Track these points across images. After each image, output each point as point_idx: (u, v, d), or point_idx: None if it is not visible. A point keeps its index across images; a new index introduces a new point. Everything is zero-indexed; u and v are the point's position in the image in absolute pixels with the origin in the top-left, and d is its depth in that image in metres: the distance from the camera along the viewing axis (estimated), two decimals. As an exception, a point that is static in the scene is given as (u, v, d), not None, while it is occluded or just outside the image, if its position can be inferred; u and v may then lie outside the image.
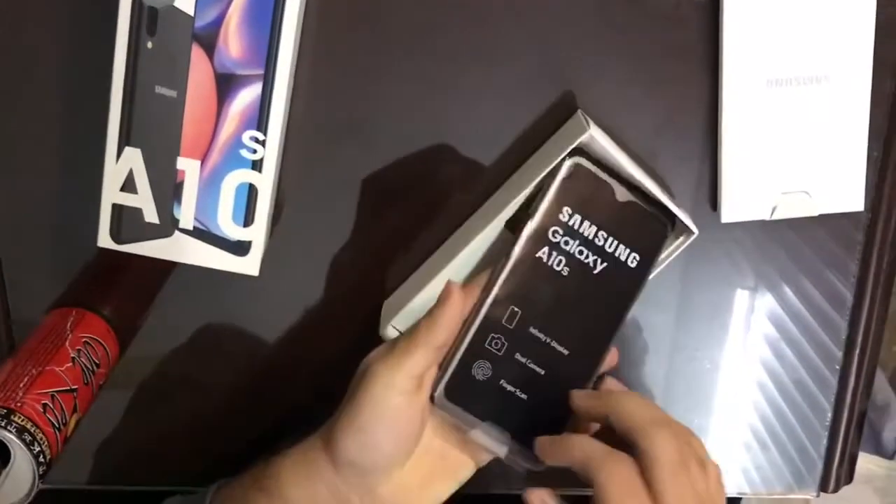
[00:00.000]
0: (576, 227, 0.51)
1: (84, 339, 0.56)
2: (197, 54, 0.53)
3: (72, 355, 0.54)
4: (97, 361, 0.56)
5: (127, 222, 0.55)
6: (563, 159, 0.50)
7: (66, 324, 0.56)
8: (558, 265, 0.51)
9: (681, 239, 0.55)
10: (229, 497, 0.55)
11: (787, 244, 0.61)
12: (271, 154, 0.55)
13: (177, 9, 0.52)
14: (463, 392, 0.51)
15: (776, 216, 0.58)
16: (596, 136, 0.51)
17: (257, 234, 0.56)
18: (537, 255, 0.51)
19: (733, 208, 0.58)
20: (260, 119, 0.54)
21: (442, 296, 0.49)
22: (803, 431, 0.66)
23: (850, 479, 0.67)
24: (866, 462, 1.12)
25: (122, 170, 0.54)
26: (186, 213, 0.55)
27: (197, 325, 0.62)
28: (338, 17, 0.56)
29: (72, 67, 0.56)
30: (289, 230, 0.59)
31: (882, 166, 0.59)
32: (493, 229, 0.55)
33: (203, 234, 0.56)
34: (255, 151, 0.55)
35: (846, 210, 0.58)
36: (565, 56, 0.57)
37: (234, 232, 0.56)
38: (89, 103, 0.55)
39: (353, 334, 0.61)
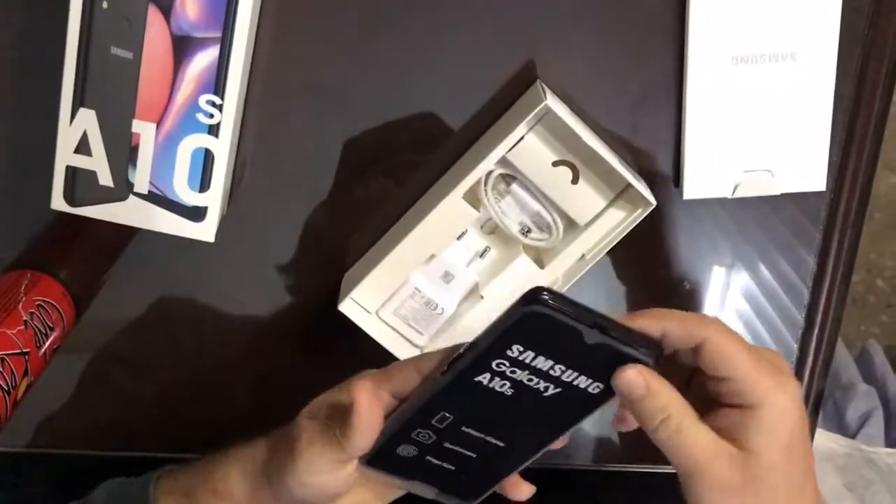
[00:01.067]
0: (527, 361, 0.41)
1: (38, 303, 0.56)
2: (153, 16, 0.52)
3: (24, 318, 0.54)
4: (51, 325, 0.56)
5: (81, 185, 0.54)
6: (515, 305, 0.39)
7: (20, 286, 0.56)
8: (500, 387, 0.42)
9: (639, 211, 0.55)
10: (175, 489, 0.52)
11: (759, 218, 0.61)
12: (228, 119, 0.54)
13: (133, -31, 0.51)
14: (388, 463, 0.46)
15: (738, 194, 0.58)
16: (552, 106, 0.51)
17: (213, 200, 0.55)
18: (476, 379, 0.42)
19: (695, 185, 0.58)
20: (217, 83, 0.54)
21: (354, 408, 0.44)
22: None
23: None
24: (828, 440, 1.12)
25: (76, 131, 0.54)
26: (141, 177, 0.55)
27: (155, 290, 0.62)
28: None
29: (26, 27, 0.55)
30: (249, 196, 0.59)
31: (846, 146, 0.59)
32: (450, 203, 0.54)
33: (158, 198, 0.55)
34: (211, 116, 0.54)
35: (808, 190, 0.58)
36: (530, 27, 0.56)
37: (190, 197, 0.55)
38: (44, 64, 0.54)
39: (312, 305, 0.61)
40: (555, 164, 0.55)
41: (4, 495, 0.67)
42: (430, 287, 0.58)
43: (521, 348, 0.40)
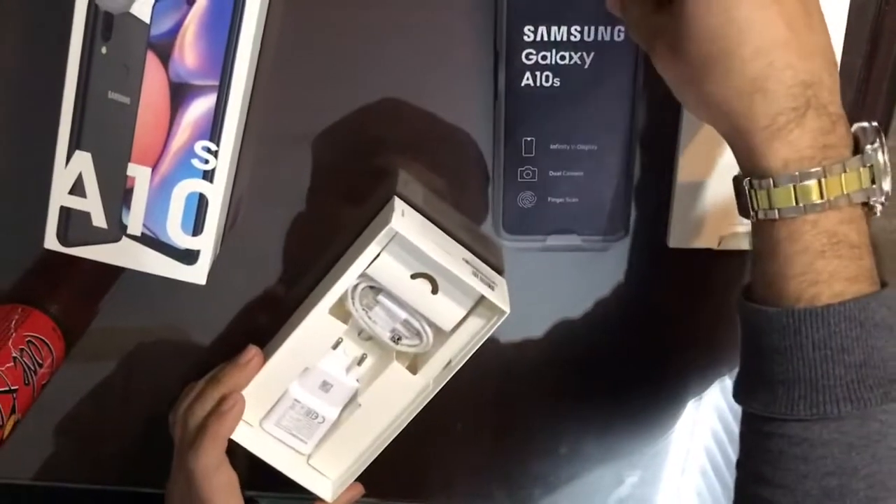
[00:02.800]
0: (545, 39, 0.52)
1: (28, 339, 0.56)
2: (152, 62, 0.53)
3: (14, 355, 0.54)
4: (40, 361, 0.56)
5: (74, 225, 0.55)
6: None
7: (10, 322, 0.56)
8: (547, 82, 0.53)
9: (496, 317, 0.56)
10: None
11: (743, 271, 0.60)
12: (223, 165, 0.55)
13: (133, 15, 0.52)
14: (520, 223, 0.56)
15: (723, 247, 0.58)
16: (398, 229, 0.52)
17: (206, 244, 0.56)
18: (522, 85, 0.52)
19: (681, 235, 0.58)
20: (213, 130, 0.54)
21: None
22: None
23: None
24: None
25: (72, 173, 0.54)
26: (135, 220, 0.55)
27: (144, 326, 0.62)
28: (297, 30, 0.56)
29: (26, 69, 0.56)
30: (241, 239, 0.59)
31: None
32: (316, 317, 0.56)
33: (151, 241, 0.56)
34: (206, 161, 0.55)
35: None
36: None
37: (183, 241, 0.56)
38: (42, 105, 0.55)
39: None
40: (413, 276, 0.56)
41: None
42: (309, 397, 0.59)
43: (532, 27, 0.50)
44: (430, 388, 0.58)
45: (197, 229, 0.56)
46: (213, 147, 0.54)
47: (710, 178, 0.57)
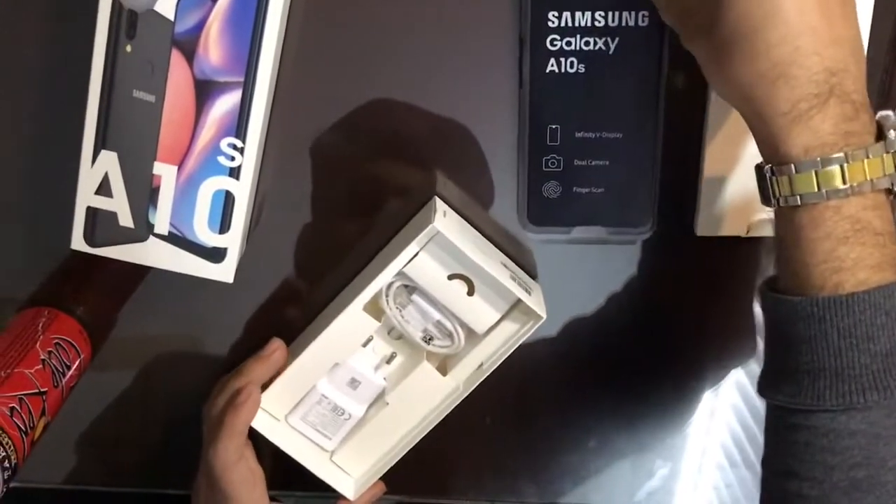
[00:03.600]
0: (569, 24, 0.52)
1: (55, 341, 0.56)
2: (176, 60, 0.53)
3: (42, 357, 0.54)
4: (68, 363, 0.56)
5: (101, 225, 0.55)
6: None
7: (38, 324, 0.56)
8: (572, 68, 0.53)
9: (531, 323, 0.56)
10: None
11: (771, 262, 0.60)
12: (249, 162, 0.54)
13: (157, 13, 0.52)
14: (545, 215, 0.56)
15: (752, 234, 0.57)
16: (440, 228, 0.52)
17: (233, 242, 0.56)
18: (547, 71, 0.53)
19: (709, 223, 0.58)
20: (239, 126, 0.54)
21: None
22: None
23: None
24: None
25: (98, 173, 0.54)
26: (162, 218, 0.55)
27: (170, 327, 0.62)
28: (320, 26, 0.56)
29: (50, 69, 0.56)
30: (266, 237, 0.59)
31: None
32: (350, 314, 0.56)
33: (178, 239, 0.55)
34: (233, 159, 0.54)
35: None
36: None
37: (210, 238, 0.55)
38: (67, 105, 0.55)
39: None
40: (450, 277, 0.56)
41: None
42: (336, 393, 0.59)
43: (556, 13, 0.51)
44: (459, 391, 0.58)
45: (224, 227, 0.55)
46: (238, 144, 0.54)
47: (738, 164, 0.56)
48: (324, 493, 0.60)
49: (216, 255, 0.56)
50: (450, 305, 0.56)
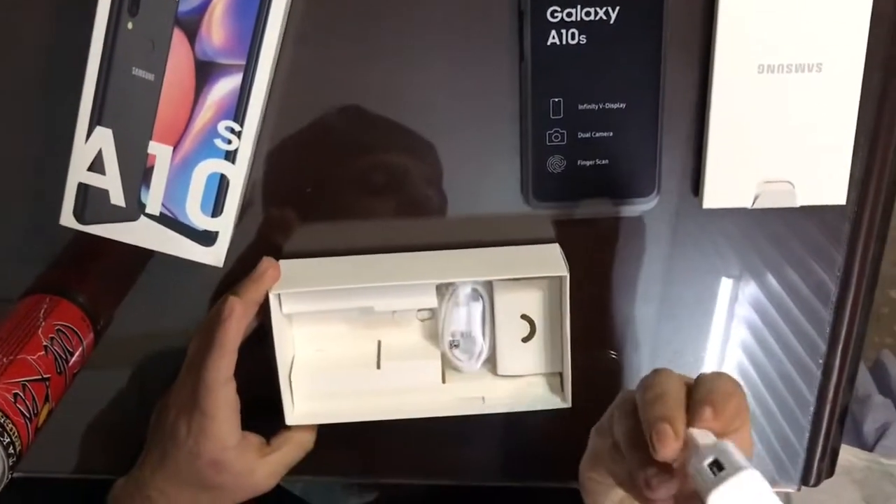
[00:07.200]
0: None
1: (57, 327, 0.55)
2: (178, 39, 0.52)
3: (44, 344, 0.53)
4: (71, 350, 0.55)
5: (92, 203, 0.54)
6: None
7: (40, 311, 0.55)
8: (573, 40, 0.53)
9: (548, 402, 0.58)
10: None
11: (774, 234, 0.60)
12: (246, 145, 0.54)
13: (161, -9, 0.51)
14: (549, 190, 0.56)
15: (758, 205, 0.57)
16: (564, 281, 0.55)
17: (225, 226, 0.55)
18: (549, 43, 0.53)
19: (715, 195, 0.57)
20: (237, 110, 0.53)
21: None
22: (787, 425, 0.64)
23: (831, 473, 0.66)
24: (846, 454, 1.10)
25: (91, 149, 0.53)
26: (154, 199, 0.54)
27: (172, 313, 0.61)
28: (322, 13, 0.55)
29: (49, 44, 0.55)
30: (256, 221, 0.59)
31: (868, 160, 0.58)
32: (422, 288, 0.56)
33: (169, 220, 0.55)
34: (229, 142, 0.54)
35: (828, 203, 0.57)
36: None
37: (202, 221, 0.55)
38: (68, 85, 0.54)
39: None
40: (523, 316, 0.57)
41: None
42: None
43: None
44: (447, 406, 0.58)
45: (217, 210, 0.55)
46: (236, 127, 0.54)
47: (743, 135, 0.56)
48: (331, 477, 0.60)
49: (207, 238, 0.55)
50: (498, 333, 0.57)
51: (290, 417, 0.58)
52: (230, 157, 0.54)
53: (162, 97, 0.53)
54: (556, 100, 0.55)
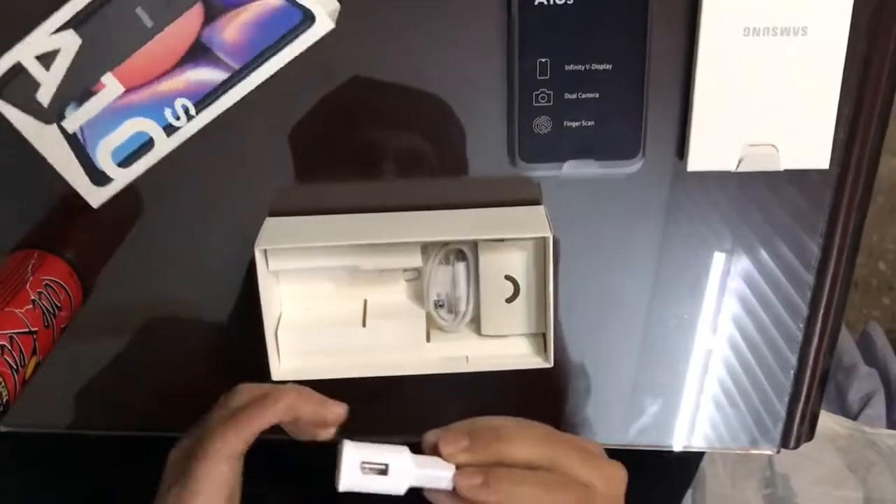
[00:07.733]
0: None
1: (45, 282, 0.54)
2: (195, 13, 0.51)
3: (32, 297, 0.52)
4: (59, 304, 0.54)
5: (17, 86, 0.51)
6: None
7: (27, 266, 0.54)
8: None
9: (530, 361, 0.58)
10: None
11: (759, 199, 0.60)
12: (189, 130, 0.53)
13: (211, -39, 0.49)
14: (536, 151, 0.55)
15: (742, 168, 0.57)
16: (548, 243, 0.54)
17: (123, 178, 0.54)
18: (536, 3, 0.52)
19: (700, 157, 0.57)
20: (203, 99, 0.53)
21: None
22: (771, 388, 0.65)
23: (810, 436, 0.66)
24: (831, 422, 1.11)
25: (51, 43, 0.51)
26: (76, 119, 0.53)
27: (160, 271, 0.60)
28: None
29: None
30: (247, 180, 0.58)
31: (852, 124, 0.57)
32: (406, 247, 0.57)
33: (77, 144, 0.53)
34: (177, 118, 0.53)
35: (812, 167, 0.57)
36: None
37: (105, 163, 0.54)
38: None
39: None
40: (507, 277, 0.57)
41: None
42: None
43: None
44: (431, 364, 0.58)
45: (125, 163, 0.54)
46: (192, 111, 0.53)
47: (728, 97, 0.56)
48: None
49: (101, 178, 0.54)
50: (482, 293, 0.57)
51: (276, 373, 0.57)
52: (169, 130, 0.53)
53: (146, 46, 0.51)
54: (543, 60, 0.54)
